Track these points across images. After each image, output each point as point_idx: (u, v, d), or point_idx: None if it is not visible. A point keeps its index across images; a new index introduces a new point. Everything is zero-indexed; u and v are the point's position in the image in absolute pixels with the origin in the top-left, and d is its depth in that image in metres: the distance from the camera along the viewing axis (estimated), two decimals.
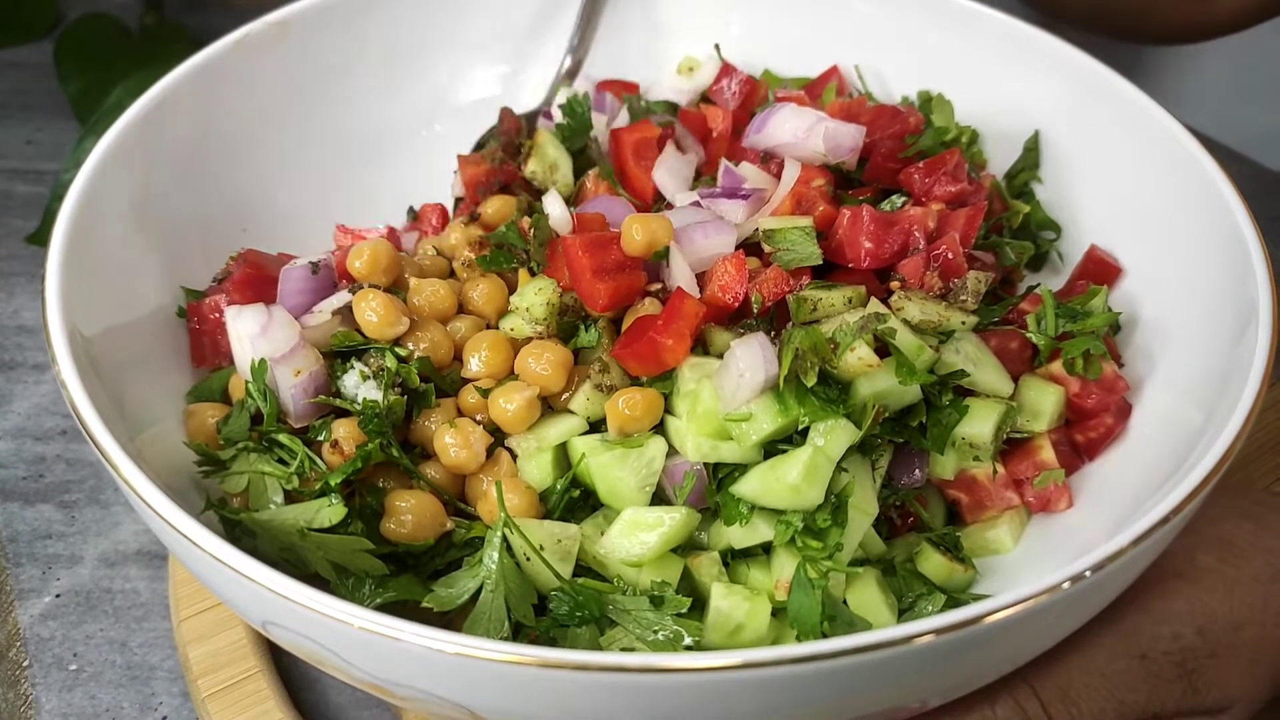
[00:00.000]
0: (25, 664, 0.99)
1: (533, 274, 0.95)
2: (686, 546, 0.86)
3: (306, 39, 1.09)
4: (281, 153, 1.09)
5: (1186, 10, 1.29)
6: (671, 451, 0.86)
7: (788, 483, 0.81)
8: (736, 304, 0.89)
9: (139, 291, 0.93)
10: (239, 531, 0.83)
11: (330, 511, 0.81)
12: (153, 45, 1.53)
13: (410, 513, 0.83)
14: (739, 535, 0.84)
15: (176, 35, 1.55)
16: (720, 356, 0.87)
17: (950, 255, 0.91)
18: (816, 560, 0.81)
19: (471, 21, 1.18)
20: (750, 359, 0.83)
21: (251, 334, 0.86)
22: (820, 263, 0.91)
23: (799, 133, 1.00)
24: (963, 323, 0.89)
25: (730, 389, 0.83)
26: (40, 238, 1.32)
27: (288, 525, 0.81)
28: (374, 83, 1.15)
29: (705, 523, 0.87)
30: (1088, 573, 0.66)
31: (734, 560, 0.86)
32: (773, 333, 0.87)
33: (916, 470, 0.89)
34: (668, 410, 0.87)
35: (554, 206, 1.01)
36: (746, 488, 0.83)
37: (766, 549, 0.85)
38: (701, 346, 0.89)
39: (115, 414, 0.79)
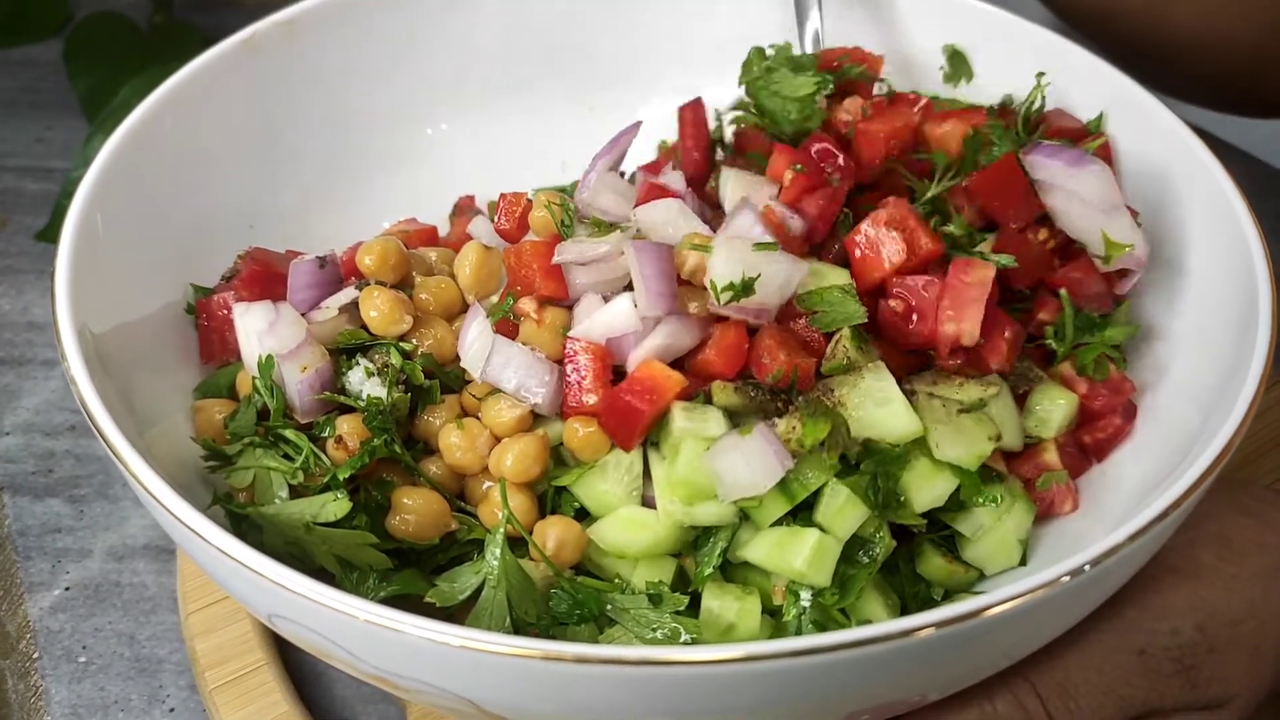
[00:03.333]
0: (35, 656, 1.00)
1: None
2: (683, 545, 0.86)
3: (314, 38, 1.10)
4: (288, 151, 1.10)
5: None
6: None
7: (794, 566, 0.80)
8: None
9: (147, 288, 0.94)
10: (245, 526, 0.84)
11: (335, 506, 0.82)
12: (161, 44, 1.54)
13: (415, 511, 0.84)
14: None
15: (185, 34, 1.56)
16: (719, 408, 0.83)
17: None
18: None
19: (480, 19, 1.18)
20: (763, 462, 0.79)
21: (259, 330, 0.87)
22: (865, 320, 0.84)
23: (1103, 203, 0.91)
24: (995, 394, 0.86)
25: (732, 483, 0.80)
26: (50, 235, 1.34)
27: (293, 519, 0.82)
28: (380, 81, 1.16)
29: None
30: (1086, 567, 0.67)
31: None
32: (783, 401, 0.83)
33: None
34: (653, 441, 0.85)
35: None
36: (754, 555, 0.82)
37: None
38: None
39: (124, 410, 0.80)
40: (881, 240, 0.87)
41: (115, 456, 0.74)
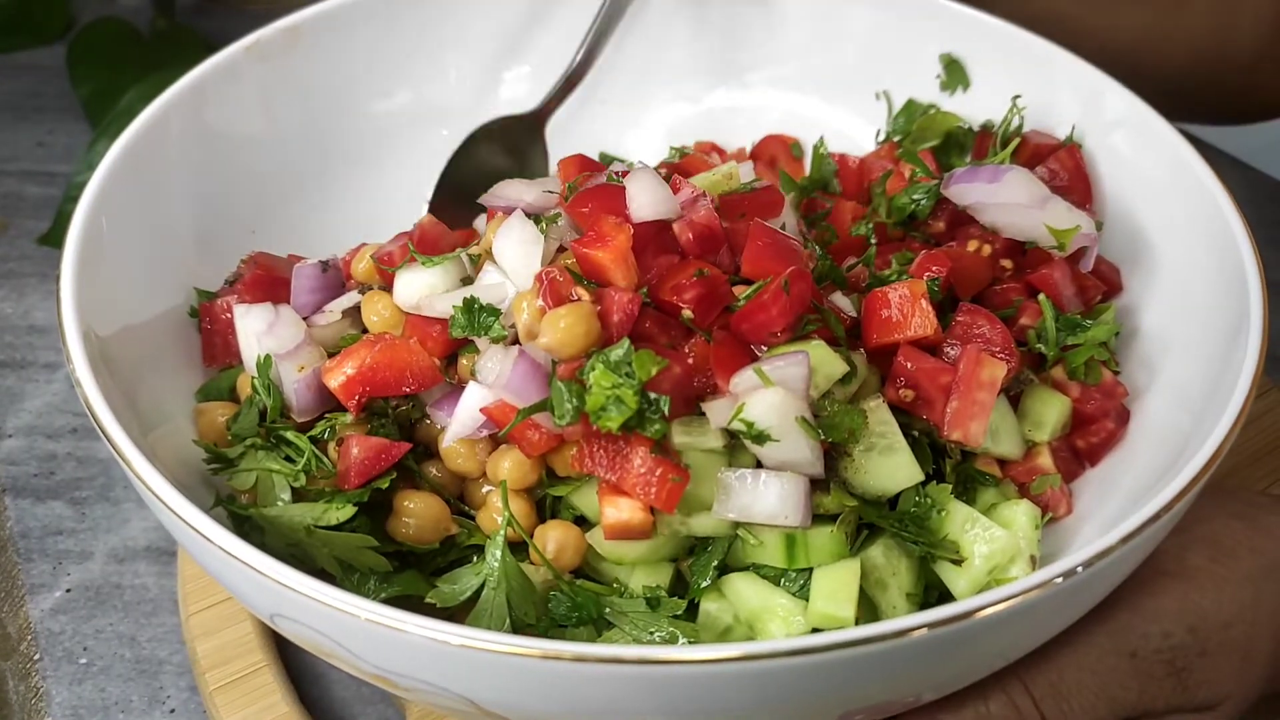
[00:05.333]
0: (36, 657, 1.01)
1: None
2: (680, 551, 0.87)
3: (317, 44, 1.11)
4: (291, 156, 1.11)
5: None
6: None
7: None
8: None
9: (151, 292, 0.94)
10: (247, 527, 0.84)
11: (337, 511, 0.82)
12: (164, 49, 1.55)
13: (416, 515, 0.85)
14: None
15: (187, 39, 1.57)
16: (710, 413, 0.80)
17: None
18: None
19: (481, 26, 1.19)
20: (790, 503, 0.78)
21: (258, 331, 0.88)
22: (846, 370, 0.82)
23: (1032, 200, 0.91)
24: None
25: (742, 506, 0.79)
26: (52, 239, 1.34)
27: (295, 522, 0.82)
28: (383, 87, 1.17)
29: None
30: (1079, 569, 0.68)
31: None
32: None
33: None
34: None
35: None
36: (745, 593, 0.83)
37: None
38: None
39: (128, 412, 0.81)
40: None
41: (120, 458, 0.74)
